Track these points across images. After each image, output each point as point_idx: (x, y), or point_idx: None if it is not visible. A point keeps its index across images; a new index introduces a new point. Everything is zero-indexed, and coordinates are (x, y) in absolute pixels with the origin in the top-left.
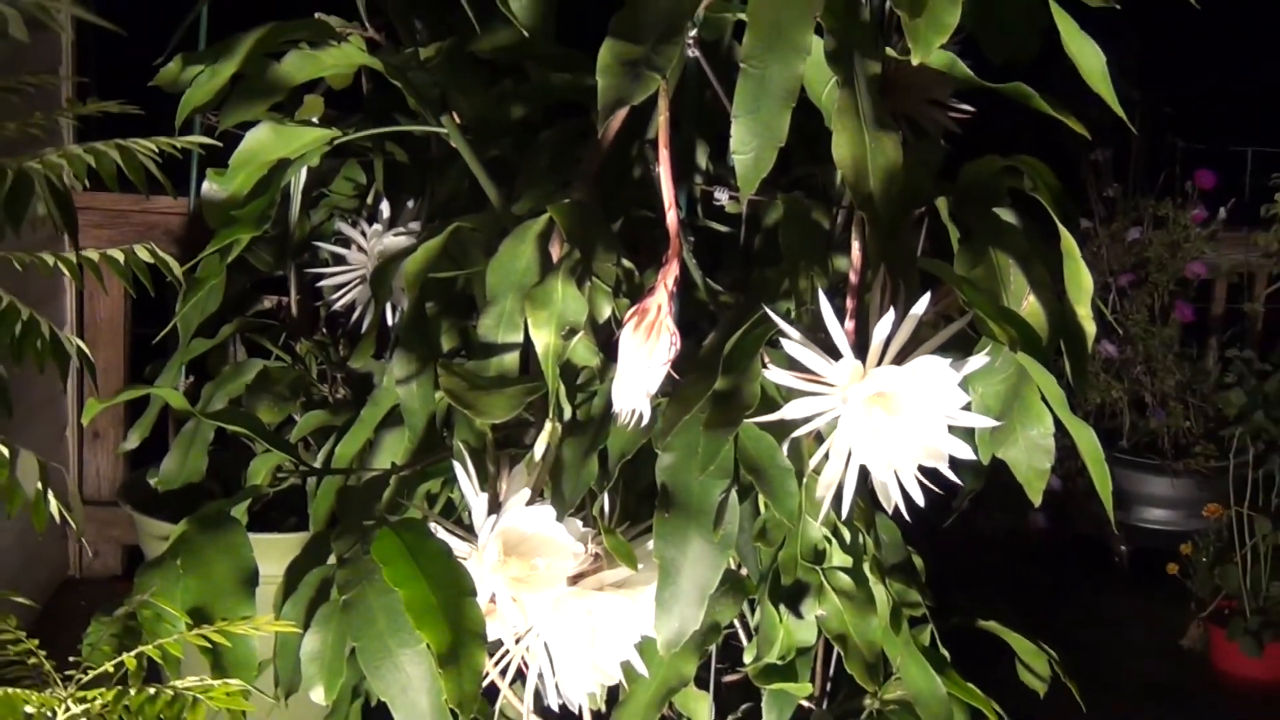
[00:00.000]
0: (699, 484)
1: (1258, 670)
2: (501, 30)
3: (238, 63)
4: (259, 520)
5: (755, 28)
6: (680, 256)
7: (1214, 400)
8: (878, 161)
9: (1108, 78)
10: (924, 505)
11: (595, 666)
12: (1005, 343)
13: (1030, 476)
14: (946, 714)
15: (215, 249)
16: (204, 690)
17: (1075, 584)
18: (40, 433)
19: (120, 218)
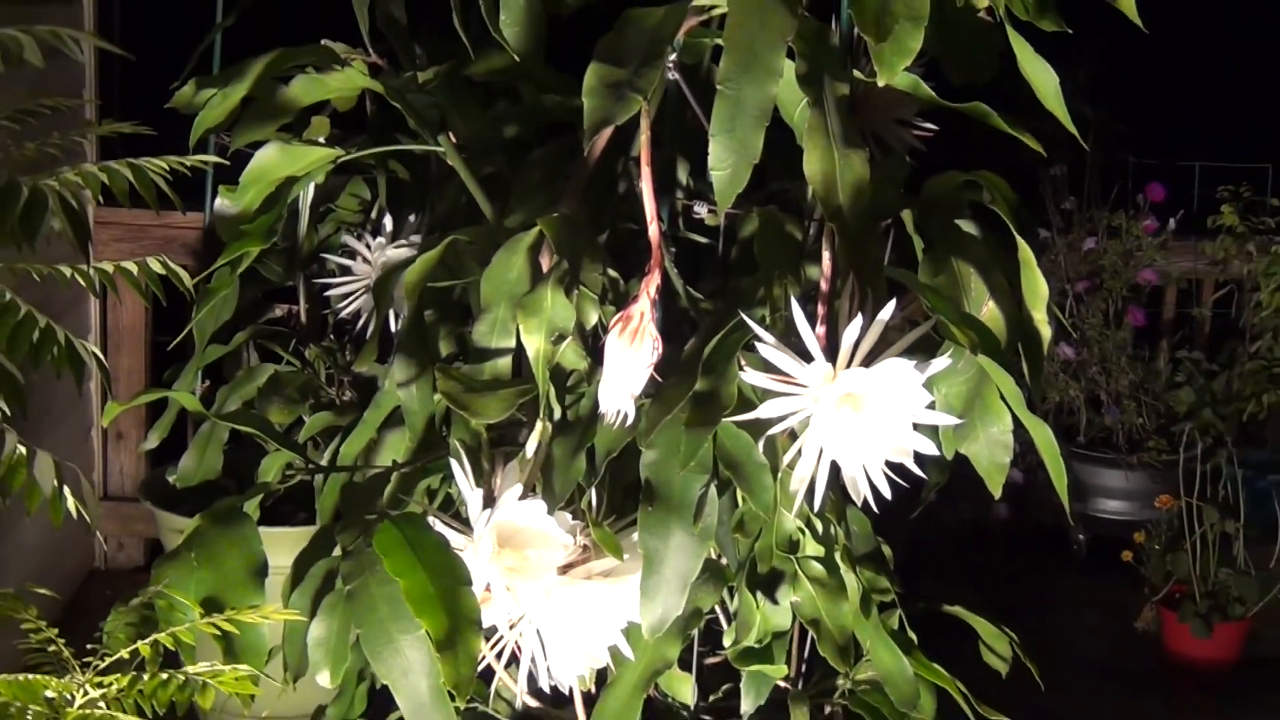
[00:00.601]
0: (680, 479)
1: (1206, 650)
2: (495, 55)
3: (248, 86)
4: (270, 515)
5: (731, 52)
6: (662, 266)
7: (1165, 398)
8: (846, 177)
9: (1061, 97)
10: (892, 498)
11: (584, 650)
12: (966, 346)
13: (991, 470)
14: (913, 693)
15: (226, 261)
16: (214, 675)
17: (1036, 571)
18: (66, 434)
19: (140, 232)
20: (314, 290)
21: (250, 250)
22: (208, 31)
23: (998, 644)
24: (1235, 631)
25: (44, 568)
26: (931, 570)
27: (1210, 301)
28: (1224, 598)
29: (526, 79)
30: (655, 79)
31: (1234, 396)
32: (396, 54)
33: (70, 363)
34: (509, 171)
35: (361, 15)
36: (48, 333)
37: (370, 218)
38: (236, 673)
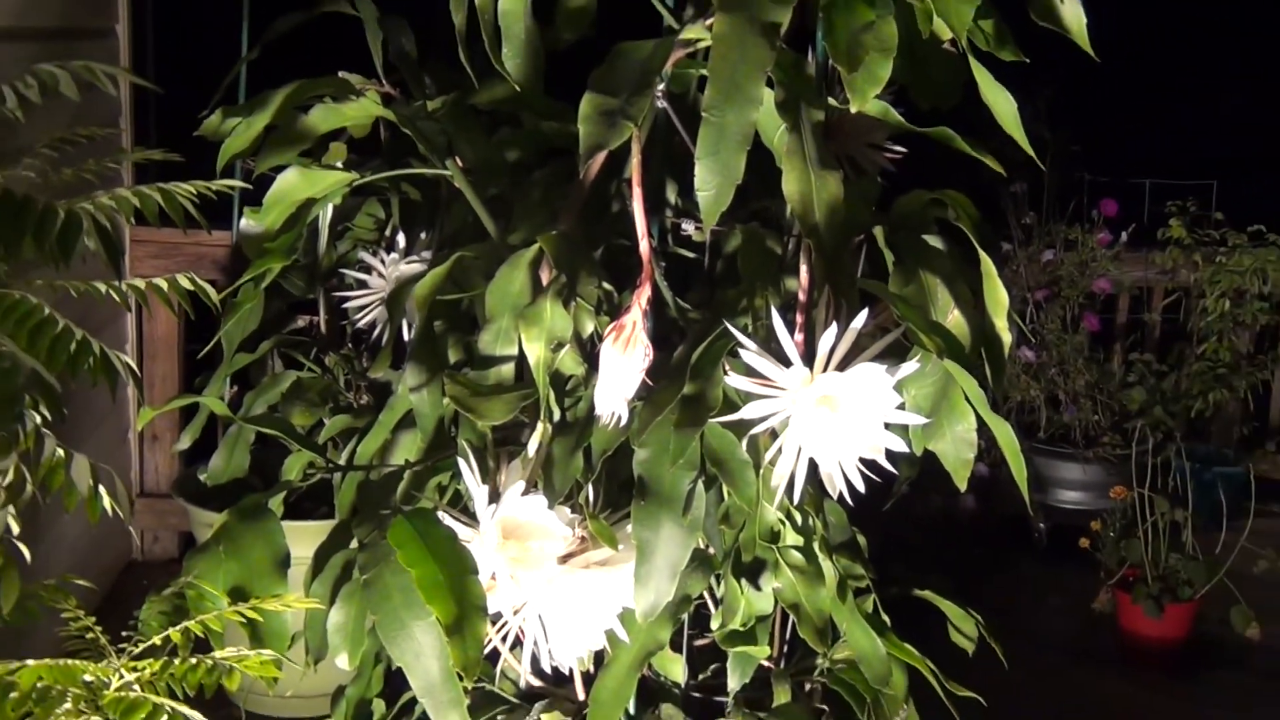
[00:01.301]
0: (670, 475)
1: (1158, 629)
2: (498, 85)
3: (270, 115)
4: (293, 510)
5: (715, 81)
6: (653, 279)
7: (1119, 397)
8: (822, 196)
9: (1019, 122)
10: (866, 491)
11: (583, 634)
12: (934, 351)
13: (957, 465)
14: (886, 671)
15: (251, 276)
16: (239, 660)
17: (1000, 557)
18: (106, 436)
19: (174, 250)
20: (333, 303)
21: (273, 266)
22: (234, 63)
23: (964, 625)
24: (1184, 612)
25: (84, 560)
26: (904, 558)
27: (1160, 308)
28: (1174, 581)
29: (527, 107)
30: (645, 107)
31: (1182, 395)
32: (407, 84)
33: (105, 372)
34: (511, 192)
35: (375, 49)
36: (84, 344)
37: (385, 236)
38: (260, 657)
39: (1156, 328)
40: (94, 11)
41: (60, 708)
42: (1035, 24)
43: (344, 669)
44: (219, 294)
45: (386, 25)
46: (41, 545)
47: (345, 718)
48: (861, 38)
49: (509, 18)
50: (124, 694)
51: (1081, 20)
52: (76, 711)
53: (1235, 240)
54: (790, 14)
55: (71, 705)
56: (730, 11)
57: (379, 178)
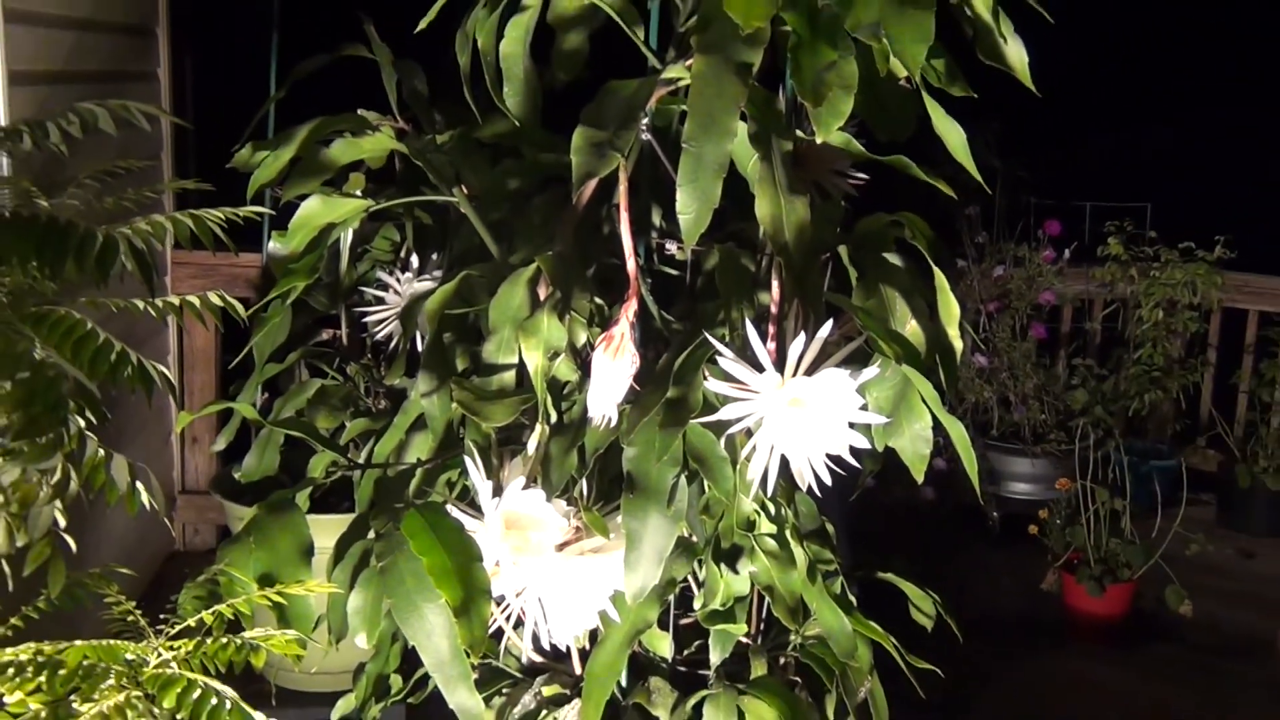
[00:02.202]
0: (656, 471)
1: (1100, 606)
2: (500, 121)
3: (295, 149)
4: (319, 504)
5: (693, 116)
6: (639, 294)
7: (1063, 398)
8: (791, 219)
9: (968, 151)
10: (834, 483)
11: (579, 614)
12: (893, 358)
13: (914, 460)
14: (852, 646)
15: (277, 294)
16: (265, 639)
17: (957, 542)
18: (151, 438)
19: (212, 270)
20: (354, 317)
21: (297, 285)
22: (264, 101)
23: (924, 604)
24: (1123, 591)
25: (130, 551)
26: (868, 544)
27: (1100, 317)
28: (1113, 563)
29: (526, 140)
30: (631, 139)
31: (1121, 396)
32: (419, 120)
33: (141, 380)
34: (513, 217)
35: (390, 89)
36: (122, 356)
37: (400, 257)
38: (284, 637)
39: (1097, 335)
40: (138, 57)
41: (104, 684)
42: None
43: (363, 648)
44: (251, 310)
45: (400, 67)
46: (90, 537)
47: (365, 691)
48: (825, 76)
49: (509, 60)
50: (161, 671)
51: (1024, 59)
52: (119, 687)
53: (1167, 256)
54: (761, 55)
55: (114, 681)
56: (707, 53)
57: (393, 204)
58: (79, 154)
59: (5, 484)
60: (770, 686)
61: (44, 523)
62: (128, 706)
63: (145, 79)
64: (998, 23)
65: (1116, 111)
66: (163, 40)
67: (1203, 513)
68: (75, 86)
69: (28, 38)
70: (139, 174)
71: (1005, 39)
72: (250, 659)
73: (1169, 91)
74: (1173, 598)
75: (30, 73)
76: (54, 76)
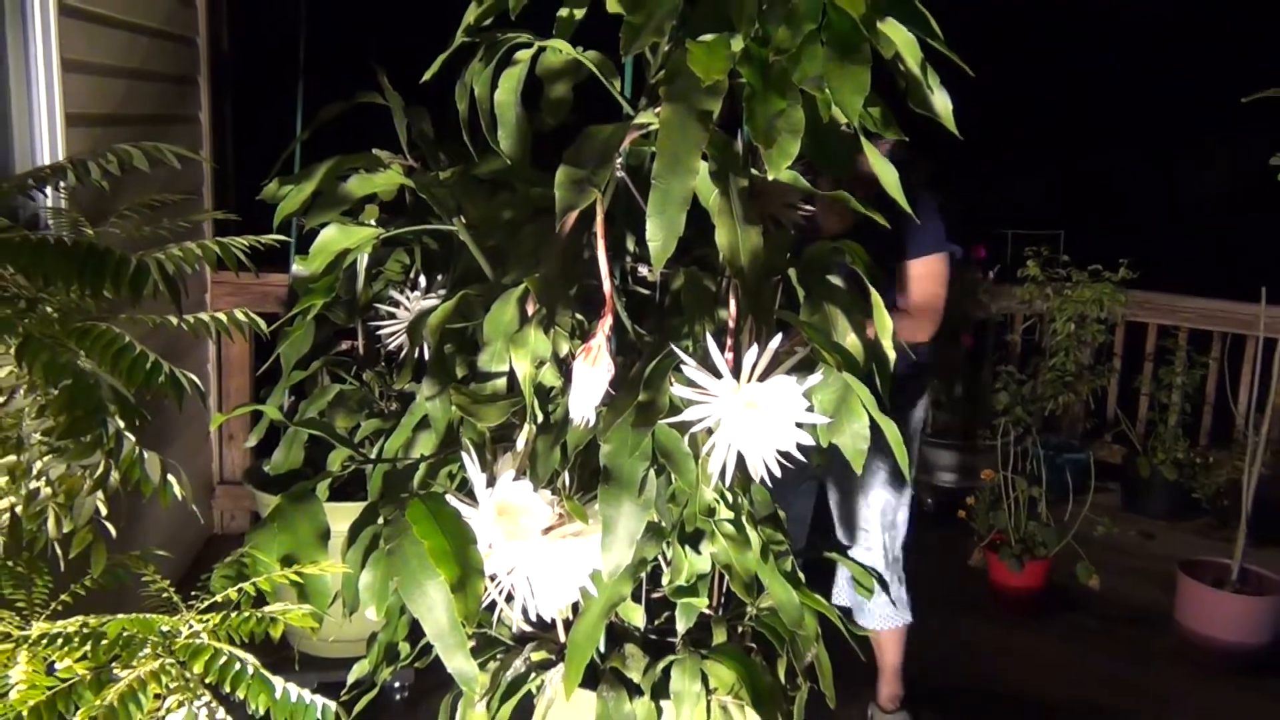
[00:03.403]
0: (629, 465)
1: (1019, 580)
2: (495, 160)
3: (315, 184)
4: (339, 493)
5: (661, 156)
6: (614, 311)
7: (989, 400)
8: (746, 246)
9: (899, 187)
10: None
11: (562, 590)
12: (834, 366)
13: (854, 455)
14: (799, 616)
15: (298, 310)
16: (283, 612)
17: None
18: (193, 436)
19: (245, 289)
20: (369, 330)
21: (316, 302)
22: (293, 140)
23: (865, 580)
24: (1040, 568)
25: (175, 535)
26: (816, 528)
27: (1020, 330)
28: (1031, 543)
29: (518, 176)
30: (607, 176)
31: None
32: (426, 158)
33: (172, 387)
34: (507, 243)
35: (401, 131)
36: (156, 366)
37: (410, 277)
38: (299, 611)
39: (1018, 346)
40: (181, 102)
41: (141, 652)
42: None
43: (373, 620)
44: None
45: (410, 112)
46: (139, 524)
47: (377, 657)
48: (775, 122)
49: (503, 107)
50: (191, 641)
51: (948, 107)
52: (154, 656)
53: (1078, 277)
54: (720, 104)
55: (150, 651)
56: (673, 102)
57: (402, 232)
58: (130, 188)
59: (53, 478)
60: (729, 652)
61: (87, 511)
62: (162, 672)
63: (188, 121)
64: (925, 76)
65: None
66: (204, 88)
67: (1109, 499)
68: (126, 128)
69: (83, 85)
70: (181, 205)
71: (932, 90)
72: (270, 630)
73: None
74: (1083, 573)
75: (85, 115)
76: (107, 119)
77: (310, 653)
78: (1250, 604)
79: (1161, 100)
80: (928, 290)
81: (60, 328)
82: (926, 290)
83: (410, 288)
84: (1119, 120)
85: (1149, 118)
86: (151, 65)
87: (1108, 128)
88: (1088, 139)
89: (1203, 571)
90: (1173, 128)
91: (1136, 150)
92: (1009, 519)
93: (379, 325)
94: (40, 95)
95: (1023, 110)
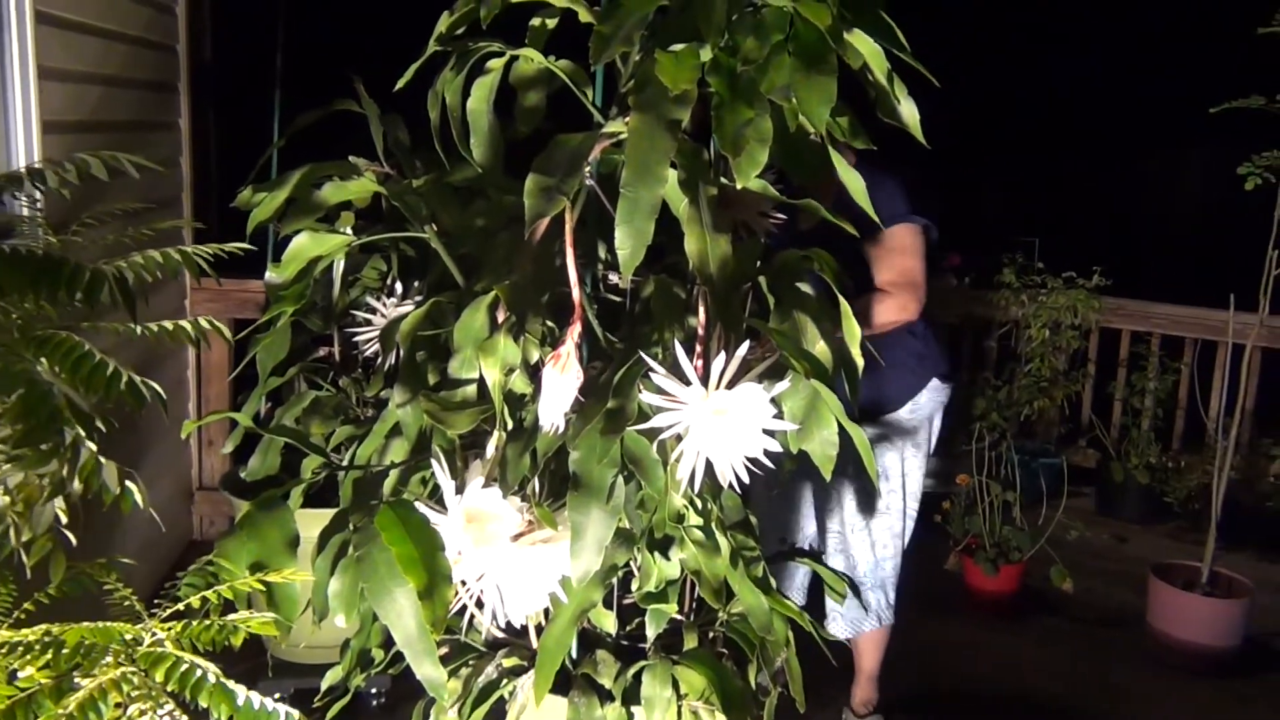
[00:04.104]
0: (598, 471)
1: (994, 584)
2: (467, 168)
3: (288, 191)
4: (315, 500)
5: (630, 165)
6: (584, 318)
7: (965, 406)
8: (715, 253)
9: (866, 195)
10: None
11: (531, 596)
12: (802, 373)
13: (823, 460)
14: (768, 621)
15: (268, 317)
16: (244, 621)
17: None
18: (173, 442)
19: (226, 295)
20: (346, 337)
21: (286, 309)
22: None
23: (836, 585)
24: (1014, 571)
25: (154, 541)
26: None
27: (996, 336)
28: (1006, 547)
29: (491, 184)
30: (575, 184)
31: (1013, 403)
32: (402, 166)
33: (132, 396)
34: (480, 251)
35: (377, 138)
36: (115, 374)
37: (386, 284)
38: (260, 619)
39: (994, 351)
40: (161, 109)
41: (103, 660)
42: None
43: (342, 627)
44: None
45: (386, 120)
46: (117, 530)
47: (350, 663)
48: (744, 131)
49: (475, 115)
50: (153, 649)
51: (915, 117)
52: (116, 664)
53: (1053, 284)
54: (689, 113)
55: (112, 659)
56: (642, 111)
57: (374, 239)
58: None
59: (11, 486)
60: (700, 657)
61: (46, 520)
62: (123, 681)
63: (167, 128)
64: (892, 86)
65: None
66: (184, 94)
67: (1084, 503)
68: (103, 135)
69: (59, 92)
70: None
71: (899, 100)
72: (231, 639)
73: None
74: (1057, 576)
75: (61, 122)
76: (83, 126)
77: (287, 659)
78: (1220, 607)
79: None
80: (898, 265)
81: (20, 336)
82: (897, 265)
83: (388, 294)
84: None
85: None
86: (130, 72)
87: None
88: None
89: (1174, 575)
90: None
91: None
92: (983, 524)
93: (356, 332)
94: (16, 102)
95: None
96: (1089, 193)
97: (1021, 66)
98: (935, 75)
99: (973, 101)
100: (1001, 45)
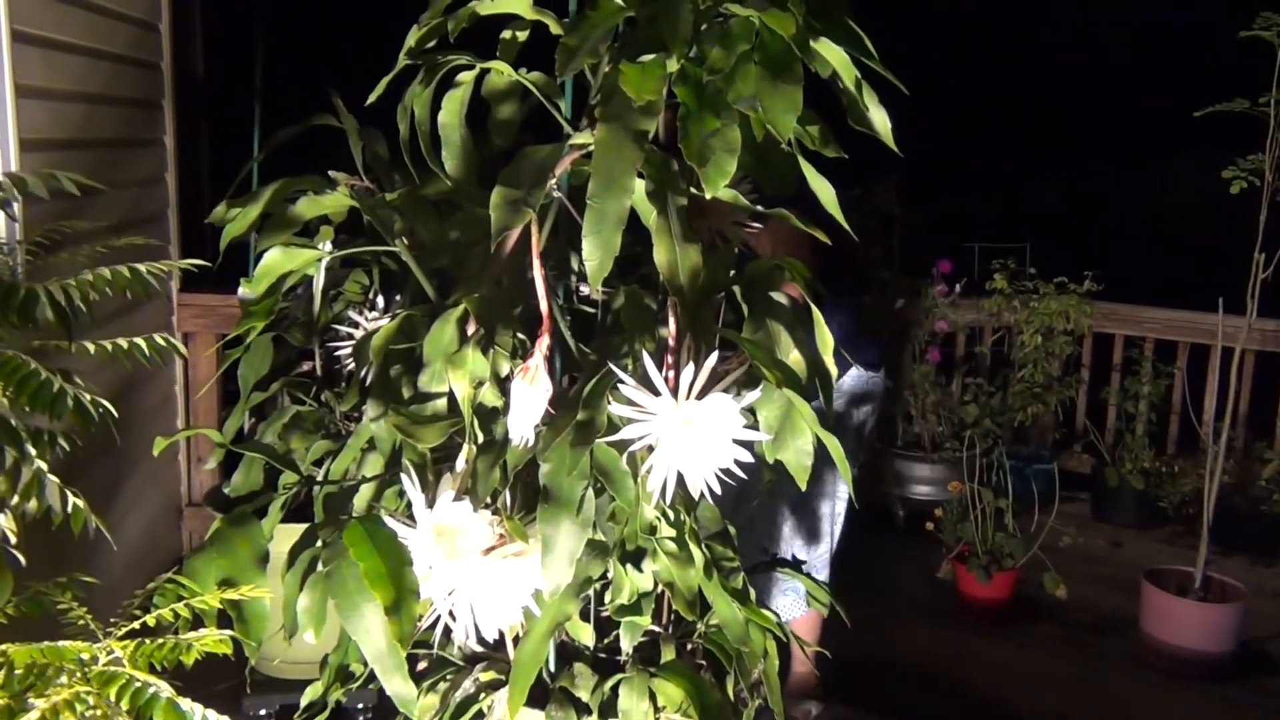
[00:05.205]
0: (568, 484)
1: (987, 592)
2: (440, 181)
3: (261, 206)
4: (297, 515)
5: (596, 176)
6: (553, 330)
7: (958, 412)
8: (685, 264)
9: (837, 204)
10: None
11: (504, 610)
12: (775, 383)
13: (798, 470)
14: (744, 632)
15: (237, 333)
16: (198, 639)
17: (866, 537)
18: (162, 457)
19: (211, 310)
20: (328, 351)
21: (256, 325)
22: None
23: (819, 594)
24: (1007, 578)
25: (142, 557)
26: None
27: (989, 342)
28: (999, 554)
29: (465, 197)
30: (542, 196)
31: (1006, 410)
32: (381, 179)
33: (79, 414)
34: (455, 264)
35: (356, 153)
36: (60, 392)
37: (368, 298)
38: (215, 637)
39: (986, 358)
40: (145, 126)
41: (58, 680)
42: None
43: (327, 642)
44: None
45: (365, 134)
46: (103, 546)
47: (329, 679)
48: (710, 141)
49: (447, 129)
50: (106, 669)
51: (887, 124)
52: (71, 684)
53: (1045, 290)
54: (655, 123)
55: (67, 680)
56: (608, 122)
57: (349, 253)
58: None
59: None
60: (678, 669)
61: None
62: (76, 700)
63: (152, 145)
64: (861, 94)
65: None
66: (169, 111)
67: (1079, 509)
68: (85, 152)
69: (39, 110)
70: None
71: (869, 108)
72: (183, 657)
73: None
74: (1050, 583)
75: (42, 140)
76: (65, 144)
77: (272, 675)
78: (1213, 611)
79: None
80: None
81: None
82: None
83: (369, 308)
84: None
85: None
86: (113, 90)
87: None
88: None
89: (1167, 579)
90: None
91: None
92: (976, 530)
93: (337, 346)
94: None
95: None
96: (1080, 197)
97: (1012, 71)
98: (923, 81)
99: (963, 107)
100: (991, 50)
